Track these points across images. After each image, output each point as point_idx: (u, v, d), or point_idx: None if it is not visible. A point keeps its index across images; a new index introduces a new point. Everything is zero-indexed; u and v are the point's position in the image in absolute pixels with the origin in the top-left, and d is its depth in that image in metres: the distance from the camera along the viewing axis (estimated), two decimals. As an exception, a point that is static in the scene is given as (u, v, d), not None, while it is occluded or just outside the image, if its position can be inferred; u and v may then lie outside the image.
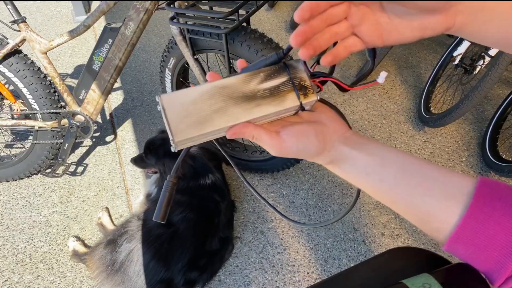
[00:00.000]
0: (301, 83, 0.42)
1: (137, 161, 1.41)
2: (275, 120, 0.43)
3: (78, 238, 1.39)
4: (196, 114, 0.38)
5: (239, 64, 0.44)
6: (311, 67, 0.44)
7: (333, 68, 0.45)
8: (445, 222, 0.35)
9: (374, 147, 0.40)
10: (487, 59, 1.72)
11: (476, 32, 0.36)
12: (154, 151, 1.33)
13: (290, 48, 0.40)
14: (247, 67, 0.43)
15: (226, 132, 0.40)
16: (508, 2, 0.35)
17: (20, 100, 1.43)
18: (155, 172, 1.46)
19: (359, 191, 0.45)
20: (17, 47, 1.30)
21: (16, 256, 1.36)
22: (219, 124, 0.39)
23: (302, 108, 0.42)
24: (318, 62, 0.42)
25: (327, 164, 0.42)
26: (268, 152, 1.58)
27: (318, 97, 0.42)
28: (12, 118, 1.47)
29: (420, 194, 0.36)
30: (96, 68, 1.35)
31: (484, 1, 0.35)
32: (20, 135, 1.82)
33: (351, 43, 0.38)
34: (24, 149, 1.65)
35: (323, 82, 0.44)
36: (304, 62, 0.43)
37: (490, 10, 0.35)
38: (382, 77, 0.43)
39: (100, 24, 2.64)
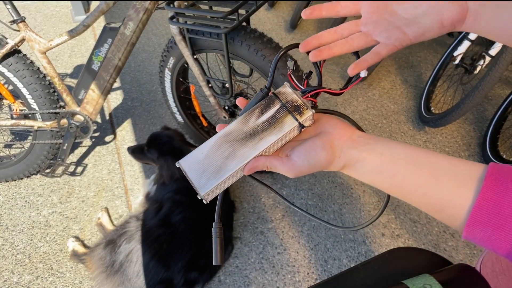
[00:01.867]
0: (294, 104, 0.45)
1: (135, 151, 1.39)
2: (284, 144, 0.46)
3: (77, 238, 1.39)
4: (212, 166, 0.44)
5: (238, 102, 0.49)
6: (302, 83, 0.46)
7: (320, 79, 0.46)
8: (460, 208, 0.35)
9: (382, 146, 0.41)
10: (488, 59, 1.72)
11: (491, 19, 0.38)
12: (159, 147, 1.32)
13: (272, 81, 0.45)
14: (242, 110, 0.48)
15: (244, 171, 0.44)
16: None
17: (19, 100, 1.42)
18: (146, 163, 1.45)
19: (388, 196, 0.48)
20: (16, 47, 1.30)
21: (16, 256, 1.36)
22: (233, 167, 0.43)
23: (302, 126, 0.44)
24: (307, 78, 0.46)
25: (341, 169, 0.44)
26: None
27: (313, 111, 0.44)
28: (11, 118, 1.46)
29: (431, 184, 0.37)
30: (96, 68, 1.35)
31: None
32: (19, 135, 1.81)
33: (375, 49, 0.43)
34: (23, 149, 1.65)
35: (316, 96, 0.46)
36: (291, 84, 0.46)
37: None
38: (363, 71, 0.46)
39: (100, 23, 2.64)
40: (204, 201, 0.44)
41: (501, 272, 0.59)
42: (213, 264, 0.45)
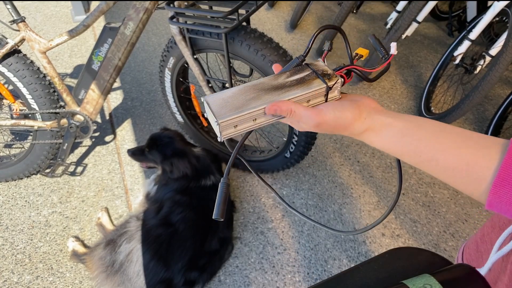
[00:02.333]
0: (324, 72, 0.47)
1: (136, 153, 1.39)
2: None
3: (77, 238, 1.39)
4: (235, 103, 0.45)
5: (274, 67, 0.51)
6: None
7: (351, 60, 0.49)
8: (486, 168, 0.35)
9: (408, 116, 0.43)
10: (488, 58, 1.72)
11: None
12: (161, 149, 1.32)
13: (308, 50, 0.48)
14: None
15: (266, 109, 0.44)
16: None
17: (20, 100, 1.42)
18: (149, 167, 1.45)
19: (399, 162, 0.48)
20: (16, 46, 1.30)
21: (16, 256, 1.36)
22: (254, 107, 0.44)
23: (329, 88, 0.46)
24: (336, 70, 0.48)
25: (362, 133, 0.44)
26: (268, 152, 1.59)
27: (342, 80, 0.46)
28: (12, 118, 1.46)
29: (458, 147, 0.37)
30: (96, 67, 1.35)
31: None
32: (19, 135, 1.81)
33: None
34: (23, 149, 1.65)
35: (348, 75, 0.49)
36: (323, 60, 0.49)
37: None
38: (393, 47, 0.47)
39: (100, 23, 2.64)
40: (219, 136, 0.45)
41: (486, 252, 0.59)
42: (213, 217, 0.45)
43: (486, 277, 0.53)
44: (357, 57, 0.49)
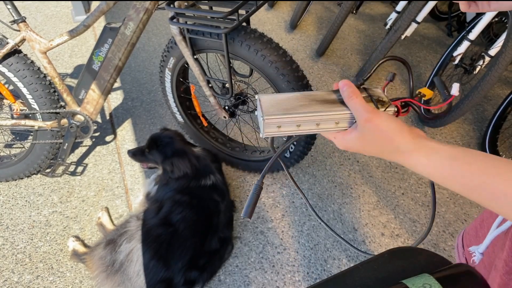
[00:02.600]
0: (379, 99, 0.48)
1: (136, 154, 1.40)
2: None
3: (77, 238, 1.39)
4: (285, 105, 0.47)
5: (335, 86, 0.52)
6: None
7: (411, 92, 0.50)
8: None
9: (456, 145, 0.43)
10: (487, 59, 1.72)
11: None
12: (161, 149, 1.32)
13: (370, 75, 0.50)
14: None
15: (339, 82, 0.47)
16: None
17: (20, 100, 1.43)
18: (150, 167, 1.45)
19: (433, 186, 0.49)
20: (16, 47, 1.30)
21: (16, 256, 1.36)
22: (302, 113, 0.46)
23: None
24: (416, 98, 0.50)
25: (409, 153, 0.44)
26: (268, 152, 1.59)
27: (395, 109, 0.48)
28: (12, 118, 1.46)
29: (510, 172, 0.37)
30: (96, 68, 1.35)
31: None
32: (19, 135, 1.81)
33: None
34: (23, 149, 1.65)
35: (405, 108, 0.50)
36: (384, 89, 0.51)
37: None
38: (455, 88, 0.48)
39: (100, 24, 2.64)
40: (261, 132, 0.46)
41: (484, 236, 0.61)
42: (241, 216, 0.47)
43: (484, 255, 0.54)
44: (419, 95, 0.50)
